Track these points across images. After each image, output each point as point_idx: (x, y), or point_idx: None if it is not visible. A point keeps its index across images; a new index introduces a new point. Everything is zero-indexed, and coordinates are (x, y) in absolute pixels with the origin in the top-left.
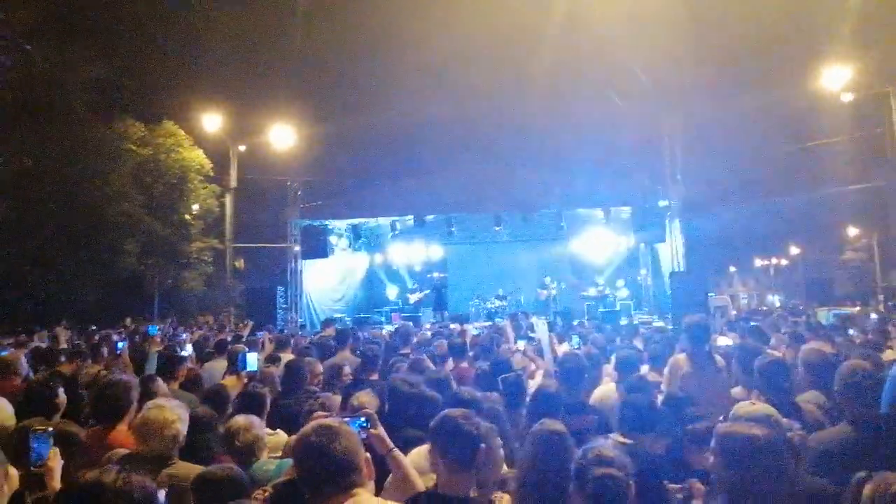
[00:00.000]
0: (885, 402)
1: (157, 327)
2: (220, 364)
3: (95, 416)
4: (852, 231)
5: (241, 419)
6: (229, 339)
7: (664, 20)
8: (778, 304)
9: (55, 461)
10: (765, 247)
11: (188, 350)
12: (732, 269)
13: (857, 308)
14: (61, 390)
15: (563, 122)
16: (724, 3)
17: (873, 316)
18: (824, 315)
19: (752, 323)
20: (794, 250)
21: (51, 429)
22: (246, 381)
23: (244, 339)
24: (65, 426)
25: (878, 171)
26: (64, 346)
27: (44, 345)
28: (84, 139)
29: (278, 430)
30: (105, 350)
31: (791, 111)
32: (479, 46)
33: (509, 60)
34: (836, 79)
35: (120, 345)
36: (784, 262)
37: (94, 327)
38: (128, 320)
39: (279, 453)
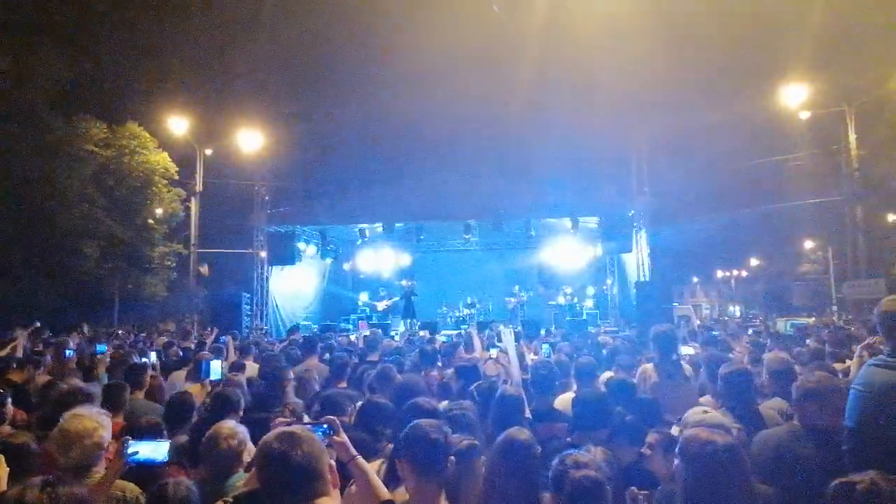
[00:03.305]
0: (849, 416)
1: (107, 346)
2: (184, 373)
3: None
4: (809, 244)
5: (226, 424)
6: (193, 346)
7: (633, 38)
8: (738, 315)
9: (1, 468)
10: (726, 258)
11: (152, 358)
12: (695, 279)
13: (813, 319)
14: (9, 400)
15: (533, 133)
16: (689, 22)
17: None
18: (783, 325)
19: (713, 333)
20: (754, 262)
21: None
22: (209, 389)
23: (207, 347)
24: (14, 438)
25: (833, 187)
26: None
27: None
28: (44, 138)
29: None
30: (49, 357)
31: (752, 127)
32: (450, 56)
33: (481, 70)
34: (795, 97)
35: (68, 352)
36: (744, 273)
37: (48, 333)
38: (85, 327)
39: None
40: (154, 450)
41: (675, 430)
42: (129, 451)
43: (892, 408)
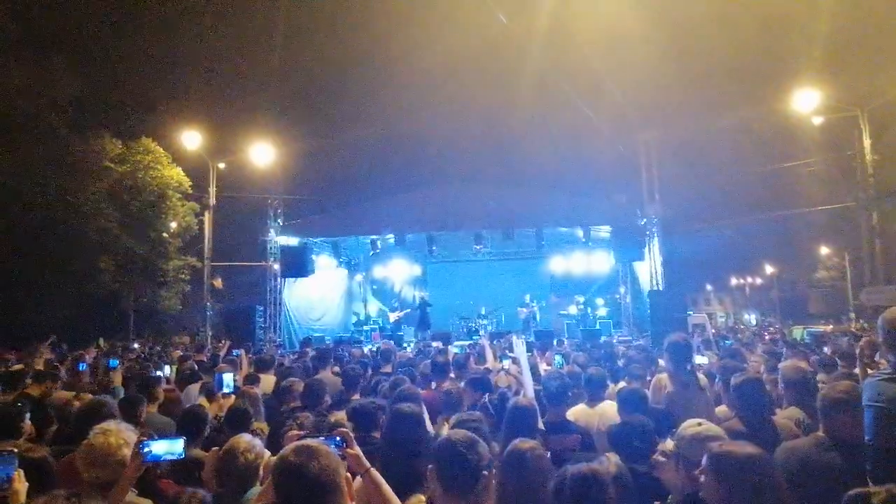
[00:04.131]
0: (869, 433)
1: (118, 361)
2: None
3: (79, 441)
4: (824, 250)
5: (243, 438)
6: (206, 359)
7: (642, 45)
8: (754, 323)
9: (20, 483)
10: (741, 266)
11: (167, 371)
12: (709, 287)
13: (830, 326)
14: (27, 415)
15: (544, 142)
16: (700, 28)
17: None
18: (799, 333)
19: (728, 342)
20: (769, 269)
21: (15, 450)
22: (222, 402)
23: (222, 360)
24: (30, 452)
25: (848, 192)
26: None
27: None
28: (60, 155)
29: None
30: (64, 370)
31: (765, 133)
32: (461, 68)
33: (491, 82)
34: (808, 102)
35: (82, 366)
36: (759, 280)
37: (65, 347)
38: (101, 340)
39: None
40: (169, 447)
41: (669, 445)
42: (145, 450)
43: None
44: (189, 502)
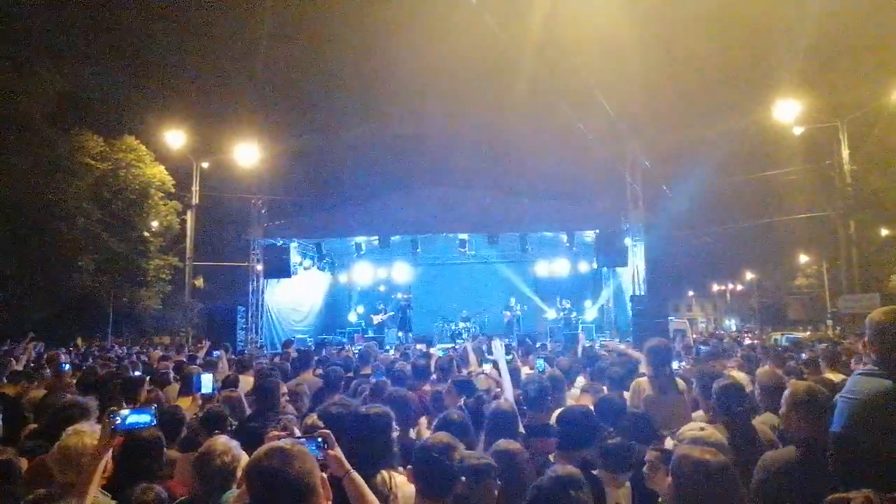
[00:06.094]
0: (835, 422)
1: (66, 364)
2: (177, 387)
3: (50, 441)
4: (804, 258)
5: (220, 441)
6: (185, 359)
7: (628, 55)
8: (734, 329)
9: None
10: (722, 272)
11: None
12: (691, 293)
13: (808, 332)
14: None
15: (531, 148)
16: (685, 38)
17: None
18: (778, 339)
19: (703, 348)
20: (750, 276)
21: None
22: (200, 402)
23: (199, 360)
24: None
25: (826, 201)
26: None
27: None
28: (40, 152)
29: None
30: (49, 370)
31: (747, 142)
32: (447, 72)
33: (477, 86)
34: (789, 112)
35: (66, 366)
36: (740, 287)
37: (41, 346)
38: (79, 340)
39: None
40: (138, 417)
41: (668, 444)
42: (116, 420)
43: (878, 413)
44: (143, 494)
